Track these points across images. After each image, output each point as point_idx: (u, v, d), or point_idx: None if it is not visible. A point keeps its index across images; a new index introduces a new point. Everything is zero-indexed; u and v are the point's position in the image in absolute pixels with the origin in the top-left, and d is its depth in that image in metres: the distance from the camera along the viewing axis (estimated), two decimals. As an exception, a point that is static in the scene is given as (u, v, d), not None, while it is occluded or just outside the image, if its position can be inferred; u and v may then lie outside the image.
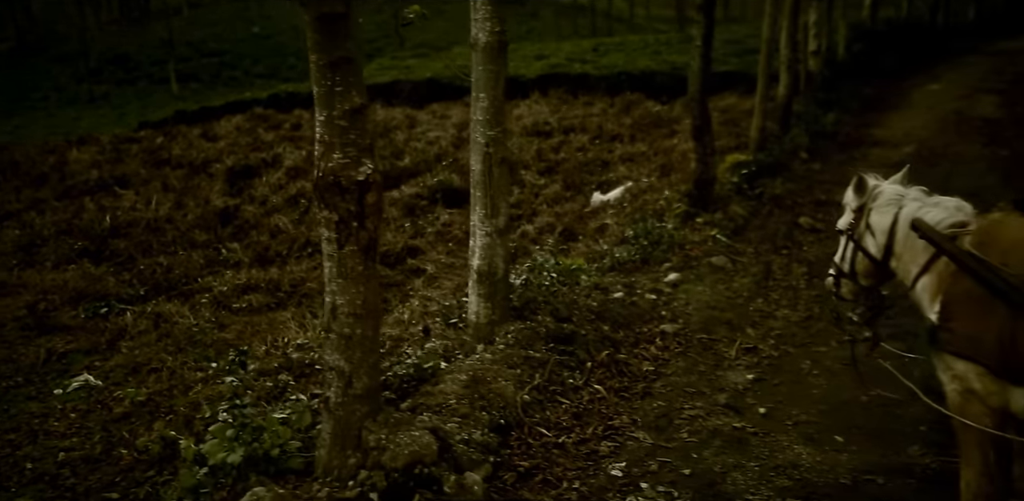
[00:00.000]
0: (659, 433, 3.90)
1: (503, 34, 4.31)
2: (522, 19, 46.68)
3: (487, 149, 4.39)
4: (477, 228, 4.51)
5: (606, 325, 4.91)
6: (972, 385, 2.59)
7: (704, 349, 4.84)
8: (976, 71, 17.79)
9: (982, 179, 9.00)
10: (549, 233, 7.81)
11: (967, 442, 2.70)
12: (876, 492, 3.34)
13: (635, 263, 6.36)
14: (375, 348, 3.33)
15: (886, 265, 2.96)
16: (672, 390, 4.32)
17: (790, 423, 3.95)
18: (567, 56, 17.91)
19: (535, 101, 14.27)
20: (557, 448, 3.71)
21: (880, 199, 3.03)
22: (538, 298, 4.86)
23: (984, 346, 2.51)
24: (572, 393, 4.20)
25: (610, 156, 10.10)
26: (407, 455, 3.17)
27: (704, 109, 7.31)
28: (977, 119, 12.74)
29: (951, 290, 2.64)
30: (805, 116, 11.28)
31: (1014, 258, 2.48)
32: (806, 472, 3.50)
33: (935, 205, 2.88)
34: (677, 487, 3.44)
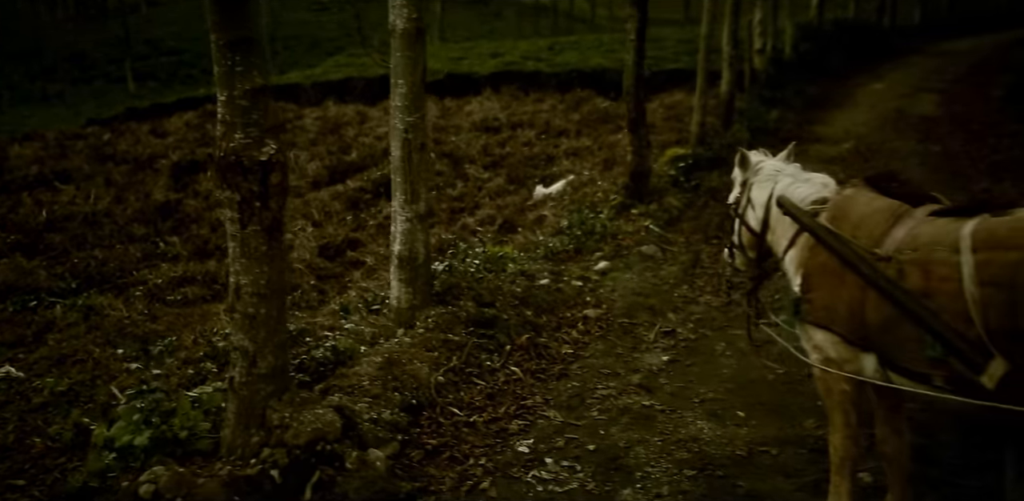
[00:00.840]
0: (570, 412, 3.98)
1: (420, 20, 4.36)
2: (485, 19, 46.79)
3: (406, 135, 4.45)
4: (398, 214, 4.57)
5: (529, 310, 4.99)
6: (829, 353, 2.72)
7: (624, 333, 4.94)
8: (919, 71, 18.31)
9: (910, 173, 9.28)
10: (490, 225, 7.88)
11: (831, 408, 2.83)
12: (769, 462, 3.46)
13: (568, 253, 6.46)
14: (281, 328, 3.36)
15: (764, 238, 3.09)
16: (588, 371, 4.42)
17: (697, 400, 4.07)
18: (522, 54, 18.02)
19: (487, 98, 14.34)
20: (467, 427, 3.78)
21: (760, 175, 3.16)
22: (462, 284, 4.92)
23: (838, 315, 2.64)
24: (488, 375, 4.27)
25: (555, 151, 10.21)
26: (310, 432, 3.21)
27: (639, 103, 7.44)
28: (915, 117, 13.11)
29: (809, 263, 2.76)
30: (748, 112, 11.51)
31: (863, 231, 2.60)
32: (705, 445, 3.62)
33: (805, 181, 3.01)
34: (581, 461, 3.52)
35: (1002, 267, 2.21)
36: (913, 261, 2.44)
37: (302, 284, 7.01)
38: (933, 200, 2.66)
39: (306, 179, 10.15)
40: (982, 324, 2.24)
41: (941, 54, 21.22)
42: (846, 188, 2.84)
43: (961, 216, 2.47)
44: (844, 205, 2.76)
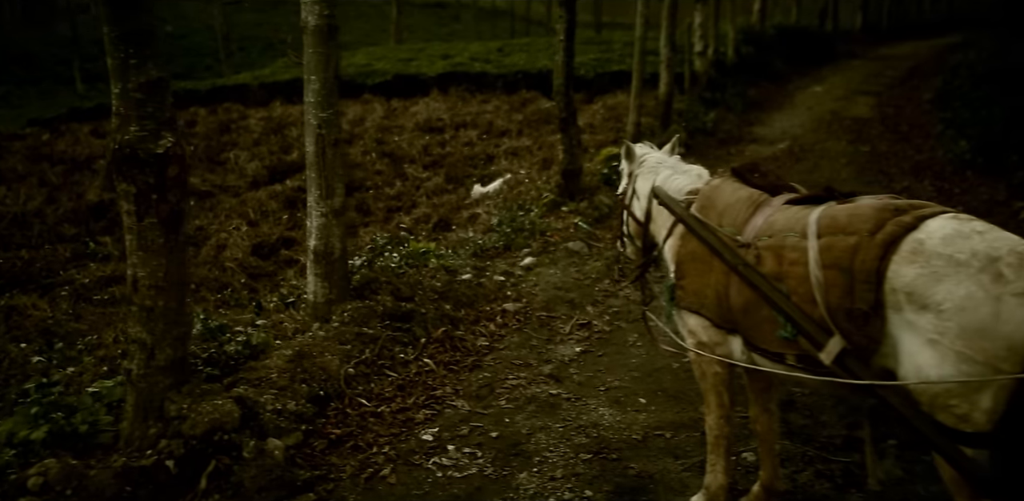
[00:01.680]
0: (478, 401, 4.07)
1: (332, 18, 4.42)
2: (444, 22, 46.73)
3: (320, 131, 4.49)
4: (313, 209, 4.61)
5: (449, 304, 5.07)
6: (702, 337, 2.85)
7: (541, 326, 5.05)
8: (857, 75, 18.86)
9: (839, 172, 9.61)
10: (425, 223, 7.95)
11: (706, 390, 2.96)
12: (662, 445, 3.59)
13: (498, 249, 6.56)
14: (181, 320, 3.39)
15: (648, 227, 3.22)
16: (501, 363, 4.51)
17: (603, 389, 4.19)
18: (472, 56, 18.10)
19: (434, 99, 14.40)
20: (374, 417, 3.84)
21: (644, 166, 3.29)
22: (381, 278, 4.98)
23: (707, 300, 2.77)
24: (401, 367, 4.34)
25: (496, 150, 10.31)
26: (207, 423, 3.24)
27: (569, 103, 7.58)
28: (849, 119, 13.52)
29: (681, 250, 2.90)
30: (686, 114, 11.75)
31: (727, 219, 2.74)
32: (604, 430, 3.74)
33: (683, 173, 3.15)
34: (483, 448, 3.61)
35: (842, 251, 2.36)
36: (768, 247, 2.58)
37: (233, 282, 6.99)
38: (790, 189, 2.80)
39: (245, 179, 10.09)
40: (824, 304, 2.39)
41: (880, 58, 21.88)
42: (714, 179, 2.98)
43: (811, 204, 2.62)
44: (711, 195, 2.90)
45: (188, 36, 38.55)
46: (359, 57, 19.84)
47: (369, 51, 21.56)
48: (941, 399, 2.21)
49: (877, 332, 2.30)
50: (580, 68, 15.42)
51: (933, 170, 9.31)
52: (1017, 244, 2.18)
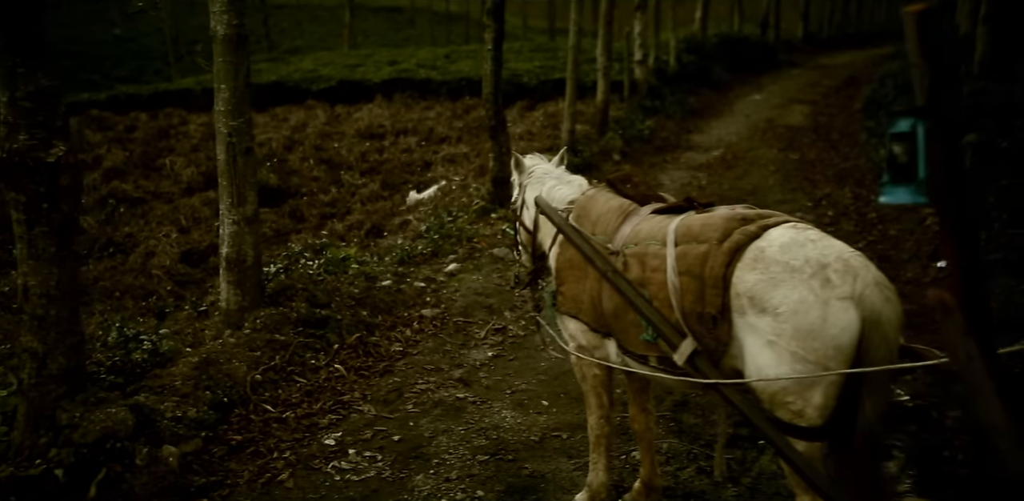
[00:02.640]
0: (385, 405, 4.14)
1: (242, 27, 4.46)
2: (399, 27, 46.57)
3: (230, 139, 4.52)
4: (225, 217, 4.63)
5: (366, 310, 5.13)
6: (581, 341, 2.97)
7: (457, 331, 5.14)
8: (796, 83, 19.39)
9: (767, 179, 9.90)
10: (358, 229, 7.98)
11: (587, 391, 3.08)
12: (558, 445, 3.70)
13: (425, 255, 6.63)
14: (74, 329, 3.39)
15: (536, 236, 3.34)
16: (412, 368, 4.59)
17: (509, 392, 4.29)
18: (419, 62, 18.15)
19: (378, 105, 14.42)
20: (278, 422, 3.89)
21: (532, 177, 3.41)
22: (297, 285, 5.02)
23: (584, 306, 2.90)
24: (311, 373, 4.39)
25: (434, 157, 10.39)
26: (99, 431, 3.26)
27: (498, 110, 7.70)
28: (783, 127, 13.90)
29: (560, 258, 3.02)
30: (623, 121, 11.97)
31: (600, 228, 2.87)
32: (504, 432, 3.84)
33: (567, 183, 3.28)
34: (384, 451, 3.69)
35: (694, 258, 2.50)
36: (634, 254, 2.71)
37: (159, 290, 6.93)
38: (658, 199, 2.95)
39: (180, 185, 9.99)
40: (679, 309, 2.52)
41: (820, 67, 22.51)
42: (590, 189, 3.12)
43: (673, 213, 2.77)
44: (586, 205, 3.03)
45: (137, 39, 37.82)
46: (306, 62, 19.75)
47: (317, 56, 21.47)
48: (779, 396, 2.36)
49: (725, 334, 2.44)
50: (524, 75, 15.62)
51: (855, 177, 9.64)
52: (843, 251, 2.34)
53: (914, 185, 1.52)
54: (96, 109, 17.11)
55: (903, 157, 1.52)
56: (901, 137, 1.52)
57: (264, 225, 8.44)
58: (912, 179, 1.51)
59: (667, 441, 3.67)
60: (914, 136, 1.50)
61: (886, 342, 2.28)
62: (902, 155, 1.52)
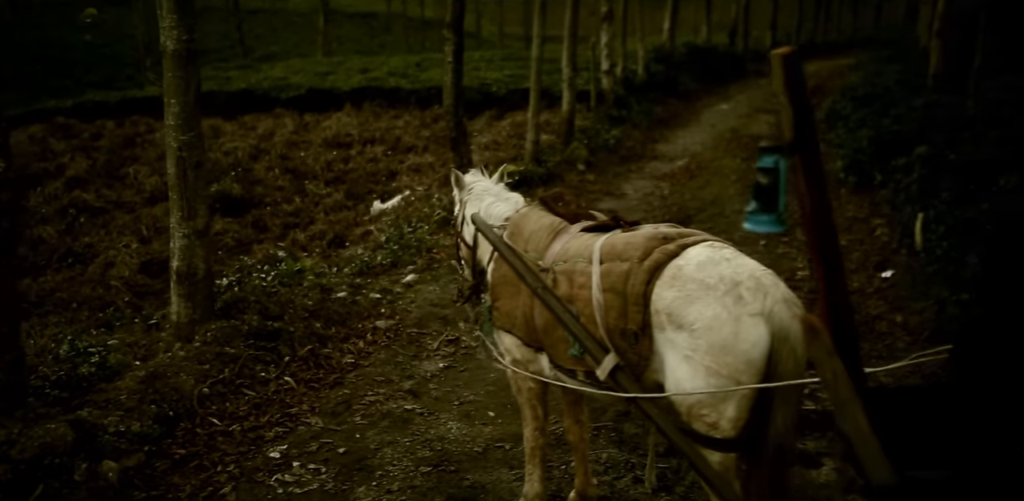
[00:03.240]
0: (333, 418, 4.18)
1: (191, 42, 4.49)
2: (375, 33, 46.47)
3: (180, 153, 4.55)
4: (175, 230, 4.65)
5: (319, 322, 5.16)
6: (516, 355, 3.05)
7: (410, 342, 5.19)
8: (763, 93, 19.65)
9: (727, 189, 10.07)
10: (320, 239, 8.01)
11: (522, 404, 3.16)
12: (500, 456, 3.77)
13: (384, 266, 6.67)
14: (12, 345, 3.41)
15: (476, 252, 3.41)
16: (363, 380, 4.63)
17: (457, 403, 4.35)
18: (390, 70, 18.18)
19: (347, 113, 14.43)
20: (224, 436, 3.91)
21: (472, 194, 3.48)
22: (250, 298, 5.05)
23: (517, 321, 2.97)
24: (260, 385, 4.41)
25: (400, 166, 10.44)
26: (36, 447, 3.27)
27: (459, 122, 7.78)
28: (748, 137, 14.10)
29: (495, 274, 3.10)
30: (589, 131, 12.10)
31: (532, 245, 2.96)
32: (448, 444, 3.90)
33: (505, 200, 3.36)
34: (328, 464, 3.73)
35: (617, 276, 2.58)
36: (563, 271, 2.79)
37: (117, 301, 6.90)
38: (588, 217, 3.04)
39: (143, 194, 9.94)
40: (603, 325, 2.61)
41: (787, 77, 22.84)
42: (523, 207, 3.20)
43: (601, 232, 2.86)
44: (519, 222, 3.11)
45: (110, 45, 37.38)
46: (276, 70, 19.70)
47: (288, 64, 21.41)
48: (695, 409, 2.45)
49: (646, 349, 2.53)
50: (493, 84, 15.72)
51: (810, 187, 9.82)
52: (755, 270, 2.44)
53: (775, 215, 1.61)
54: (62, 116, 16.93)
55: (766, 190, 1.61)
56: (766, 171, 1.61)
57: (226, 235, 8.45)
58: (774, 210, 1.61)
59: (607, 451, 3.75)
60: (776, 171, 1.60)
61: (794, 356, 2.38)
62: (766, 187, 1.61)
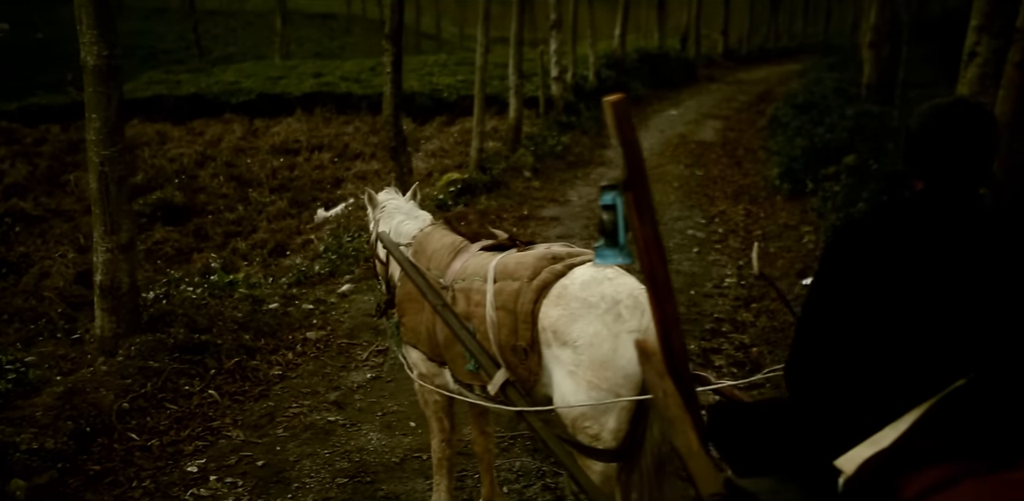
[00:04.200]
0: (255, 431, 4.23)
1: (112, 58, 4.50)
2: (335, 35, 46.13)
3: (102, 168, 4.56)
4: (98, 245, 4.65)
5: (248, 334, 5.19)
6: (421, 369, 3.15)
7: (340, 353, 5.25)
8: (712, 99, 20.08)
9: (668, 195, 10.29)
10: (261, 248, 8.01)
11: (429, 416, 3.26)
12: (417, 466, 3.86)
13: (321, 276, 6.72)
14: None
15: (388, 268, 3.50)
16: (288, 392, 4.68)
17: (380, 414, 4.43)
18: (343, 75, 18.14)
19: (297, 119, 14.38)
20: (141, 451, 3.94)
21: (384, 213, 3.58)
22: (177, 311, 5.06)
23: (421, 336, 3.08)
24: (183, 399, 4.44)
25: (346, 174, 10.47)
26: (-56, 466, 3.28)
27: (399, 131, 7.85)
28: (695, 142, 14.41)
29: (401, 291, 3.20)
30: (537, 138, 12.24)
31: (434, 263, 3.06)
32: (367, 455, 3.97)
33: (415, 219, 3.46)
34: (246, 477, 3.78)
35: (509, 294, 2.70)
36: (461, 289, 2.90)
37: (50, 312, 6.82)
38: (489, 236, 3.15)
39: (83, 202, 9.80)
40: (496, 341, 2.72)
41: (737, 83, 23.36)
42: (428, 226, 3.31)
43: (497, 251, 2.97)
44: (423, 241, 3.21)
45: (61, 43, 36.47)
46: (228, 74, 19.51)
47: (240, 68, 21.21)
48: (579, 422, 2.58)
49: (535, 365, 2.65)
50: (445, 90, 15.80)
51: (751, 194, 10.11)
52: (635, 289, 2.58)
53: (618, 248, 1.74)
54: (5, 120, 16.58)
55: (609, 225, 1.74)
56: (607, 208, 1.74)
57: (166, 244, 8.40)
58: (616, 244, 1.73)
59: (521, 460, 3.86)
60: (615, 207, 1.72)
61: (670, 371, 2.51)
62: (608, 223, 1.74)
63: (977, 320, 1.77)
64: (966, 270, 1.77)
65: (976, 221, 1.82)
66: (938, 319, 1.77)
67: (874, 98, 10.82)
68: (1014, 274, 1.80)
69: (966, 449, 1.56)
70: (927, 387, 1.77)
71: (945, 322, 1.77)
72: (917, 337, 1.78)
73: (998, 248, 1.79)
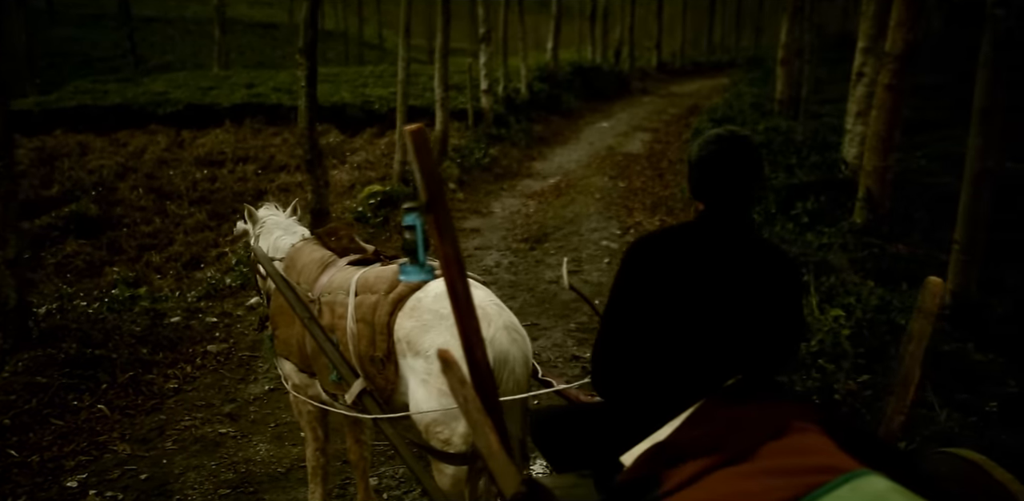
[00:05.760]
0: (143, 444, 4.24)
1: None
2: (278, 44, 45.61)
3: (-12, 183, 4.53)
4: (-15, 260, 4.61)
5: (146, 348, 5.18)
6: (295, 380, 3.24)
7: (239, 365, 5.28)
8: (644, 111, 20.55)
9: (589, 207, 10.53)
10: (175, 261, 7.94)
11: (303, 426, 3.35)
12: (302, 476, 3.91)
13: (232, 288, 6.71)
14: None
15: (267, 282, 3.58)
16: (182, 405, 4.69)
17: (273, 425, 4.48)
18: (275, 86, 18.01)
19: (226, 130, 14.24)
20: (20, 467, 3.91)
21: (264, 228, 3.66)
22: (71, 325, 5.03)
23: (292, 349, 3.17)
24: (71, 414, 4.42)
25: (270, 186, 10.44)
26: None
27: (314, 144, 7.89)
28: (622, 154, 14.74)
29: (274, 304, 3.29)
30: (463, 150, 12.40)
31: (304, 277, 3.16)
32: (254, 465, 4.02)
33: (292, 234, 3.56)
34: (127, 490, 3.79)
35: (367, 307, 2.82)
36: (327, 302, 3.00)
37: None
38: (358, 251, 3.26)
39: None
40: (355, 352, 2.83)
41: (670, 95, 23.95)
42: (300, 241, 3.41)
43: (363, 265, 3.09)
44: (294, 256, 3.31)
45: (-11, 47, 35.25)
46: (157, 84, 19.18)
47: (171, 77, 20.87)
48: (431, 428, 2.70)
49: (392, 375, 2.77)
50: (376, 102, 15.86)
51: (668, 206, 10.42)
52: (483, 300, 2.72)
53: (418, 266, 1.88)
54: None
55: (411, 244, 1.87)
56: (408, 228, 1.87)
57: (78, 258, 8.25)
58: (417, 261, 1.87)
59: (403, 466, 3.95)
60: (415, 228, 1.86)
61: (514, 376, 2.67)
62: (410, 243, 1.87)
63: (742, 326, 1.96)
64: (731, 282, 1.96)
65: (744, 239, 2.02)
66: (709, 325, 1.96)
67: (785, 113, 11.29)
68: (774, 286, 2.00)
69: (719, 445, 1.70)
70: (704, 386, 1.95)
71: (715, 327, 1.96)
72: (693, 341, 1.97)
73: (761, 263, 2.00)
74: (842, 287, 4.81)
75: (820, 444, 1.58)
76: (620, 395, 2.09)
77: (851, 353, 3.80)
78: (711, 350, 1.96)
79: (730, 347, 1.96)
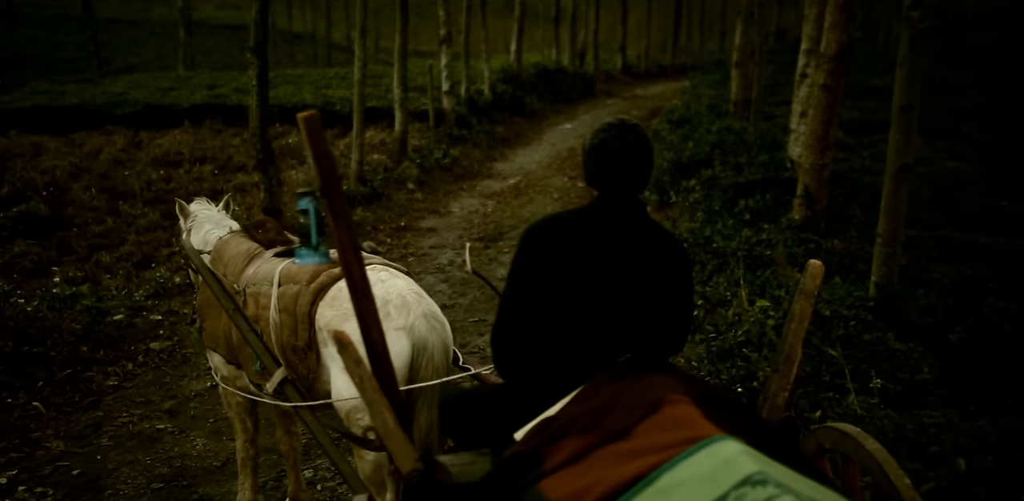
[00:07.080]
0: (78, 441, 4.22)
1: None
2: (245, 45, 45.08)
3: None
4: (-83, 257, 4.55)
5: (86, 346, 5.15)
6: (223, 372, 3.27)
7: (183, 362, 5.26)
8: (607, 113, 20.71)
9: (546, 207, 10.63)
10: (126, 261, 7.86)
11: (233, 417, 3.37)
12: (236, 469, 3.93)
13: (181, 287, 6.68)
14: None
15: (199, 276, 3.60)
16: (121, 401, 4.67)
17: (212, 421, 4.48)
18: (237, 87, 17.85)
19: (184, 131, 14.10)
20: (-52, 464, 3.88)
21: (196, 222, 3.68)
22: (8, 323, 4.98)
23: (220, 340, 3.19)
24: (3, 412, 4.39)
25: (226, 186, 10.36)
26: None
27: (266, 143, 7.89)
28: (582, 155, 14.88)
29: (201, 297, 3.31)
30: (423, 150, 12.43)
31: (230, 269, 3.19)
32: (189, 460, 4.03)
33: (223, 228, 3.58)
34: (58, 486, 3.77)
35: (290, 297, 2.85)
36: (252, 293, 3.04)
37: None
38: (284, 243, 3.30)
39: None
40: (278, 342, 2.87)
41: (634, 98, 24.19)
42: (227, 234, 3.44)
43: (287, 257, 3.13)
44: (221, 248, 3.34)
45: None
46: (117, 85, 18.93)
47: (132, 79, 20.60)
48: (351, 415, 2.75)
49: (314, 363, 2.81)
50: (338, 103, 15.79)
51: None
52: (403, 290, 2.77)
53: (313, 249, 1.93)
54: None
55: (304, 228, 1.92)
56: (303, 212, 1.92)
57: (25, 258, 8.13)
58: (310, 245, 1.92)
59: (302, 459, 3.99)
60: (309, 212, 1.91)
61: (432, 363, 2.72)
62: (304, 226, 1.92)
63: (632, 306, 2.04)
64: (622, 264, 2.04)
65: (636, 224, 2.10)
66: (600, 305, 2.03)
67: (739, 114, 11.49)
68: (664, 269, 2.08)
69: (599, 422, 1.76)
70: (596, 364, 2.03)
71: (606, 308, 2.03)
72: (586, 320, 2.04)
73: (651, 247, 2.08)
74: (775, 280, 4.93)
75: (689, 416, 1.66)
76: (519, 374, 2.16)
77: (775, 342, 3.91)
78: (603, 329, 2.04)
79: (621, 327, 2.04)
